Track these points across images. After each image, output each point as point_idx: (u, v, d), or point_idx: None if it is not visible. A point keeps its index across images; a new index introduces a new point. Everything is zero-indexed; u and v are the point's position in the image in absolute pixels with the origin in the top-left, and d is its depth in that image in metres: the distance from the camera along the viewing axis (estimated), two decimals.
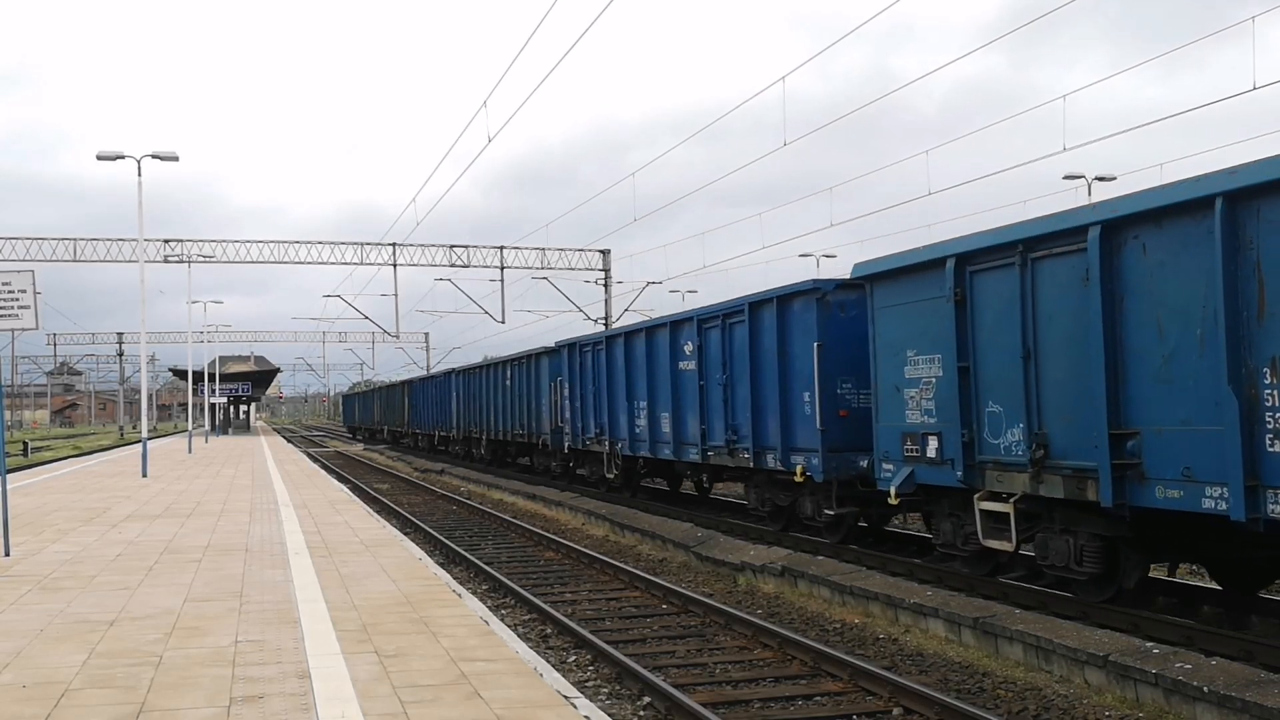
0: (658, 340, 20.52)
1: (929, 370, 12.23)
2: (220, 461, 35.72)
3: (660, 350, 20.25)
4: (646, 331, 21.13)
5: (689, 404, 18.92)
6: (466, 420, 39.65)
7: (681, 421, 19.30)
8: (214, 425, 68.90)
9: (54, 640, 8.16)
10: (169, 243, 46.71)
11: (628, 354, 21.90)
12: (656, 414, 20.40)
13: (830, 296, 14.85)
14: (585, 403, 24.63)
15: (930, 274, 12.18)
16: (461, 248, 48.59)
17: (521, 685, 6.80)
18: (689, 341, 18.85)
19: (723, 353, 17.51)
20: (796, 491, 16.04)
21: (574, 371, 25.40)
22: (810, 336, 14.94)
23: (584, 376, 24.74)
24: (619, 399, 22.47)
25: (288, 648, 7.79)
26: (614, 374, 22.78)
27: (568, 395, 25.87)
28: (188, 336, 57.81)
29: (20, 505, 18.95)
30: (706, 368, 18.14)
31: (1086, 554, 10.47)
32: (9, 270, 13.25)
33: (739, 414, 17.08)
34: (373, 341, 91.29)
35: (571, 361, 25.61)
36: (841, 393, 14.75)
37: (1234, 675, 7.84)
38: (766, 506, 17.24)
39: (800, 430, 15.32)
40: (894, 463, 12.91)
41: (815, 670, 9.43)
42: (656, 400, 20.38)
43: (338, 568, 11.65)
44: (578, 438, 25.34)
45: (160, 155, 29.24)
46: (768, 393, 16.16)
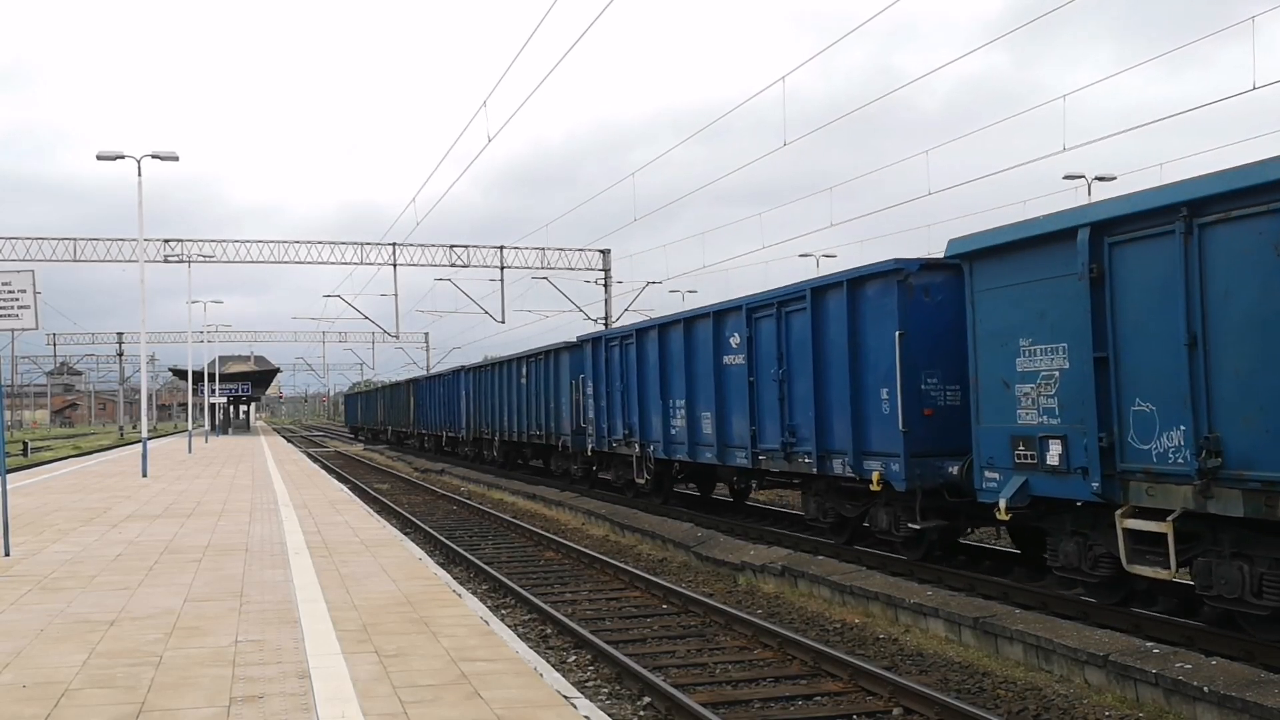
0: (698, 332, 18.63)
1: (1050, 362, 10.52)
2: (220, 461, 35.72)
3: (701, 343, 18.41)
4: (685, 323, 19.14)
5: (735, 402, 17.18)
6: (477, 420, 37.85)
7: (726, 422, 17.59)
8: (214, 425, 68.91)
9: (54, 640, 8.16)
10: (169, 243, 46.72)
11: (663, 348, 20.06)
12: (696, 414, 18.63)
13: (913, 278, 13.01)
14: (612, 402, 22.75)
15: (1054, 248, 10.36)
16: (461, 248, 48.60)
17: (521, 685, 6.80)
18: (736, 333, 17.07)
19: (778, 345, 15.70)
20: (867, 501, 14.29)
21: (599, 368, 23.49)
22: (890, 324, 13.13)
23: (611, 373, 22.83)
24: (652, 397, 20.62)
25: (288, 648, 7.79)
26: (646, 370, 20.93)
27: (591, 394, 23.98)
28: (188, 336, 57.86)
29: (20, 505, 18.95)
30: (757, 362, 16.36)
31: (1267, 584, 8.80)
32: (9, 270, 13.25)
33: (797, 413, 15.36)
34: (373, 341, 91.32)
35: (596, 357, 23.72)
36: (926, 389, 13.02)
37: (1234, 675, 7.84)
38: (828, 517, 15.47)
39: (876, 431, 13.54)
40: (1001, 471, 11.13)
41: (815, 670, 9.42)
42: (696, 398, 18.61)
43: (338, 568, 11.66)
44: (603, 439, 23.48)
45: (160, 155, 29.26)
46: (834, 389, 14.38)
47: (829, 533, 15.61)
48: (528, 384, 30.55)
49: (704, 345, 18.28)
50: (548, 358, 28.75)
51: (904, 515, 13.42)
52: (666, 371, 19.91)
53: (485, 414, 36.41)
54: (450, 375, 43.43)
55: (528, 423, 30.73)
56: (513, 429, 32.57)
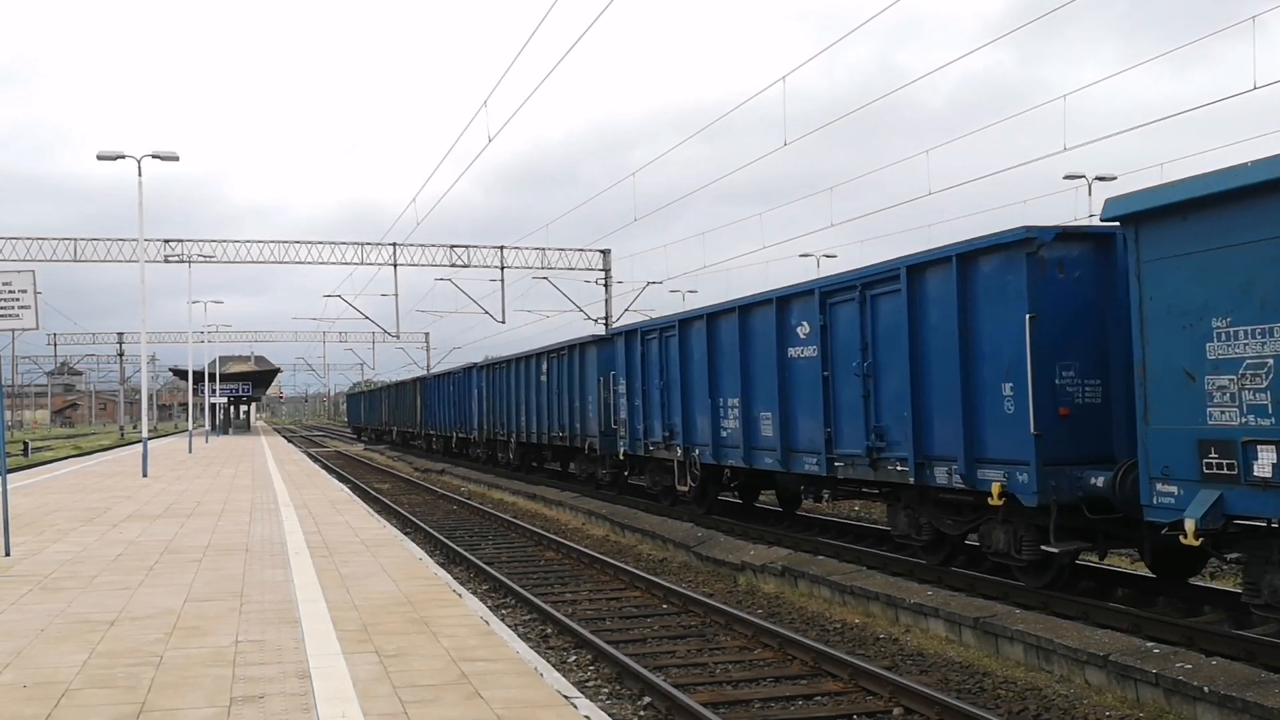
0: (756, 321, 16.57)
1: (1259, 347, 8.61)
2: (220, 461, 35.72)
3: (759, 334, 16.38)
4: (740, 311, 17.03)
5: (804, 401, 15.16)
6: (492, 421, 35.58)
7: (790, 423, 15.54)
8: (214, 425, 68.92)
9: (54, 640, 8.16)
10: (169, 243, 46.72)
11: (712, 340, 17.93)
12: (753, 414, 16.62)
13: (1046, 250, 11.06)
14: (649, 401, 20.59)
15: (1261, 203, 8.55)
16: (462, 248, 48.61)
17: (522, 685, 6.80)
18: (804, 321, 15.04)
19: (861, 333, 13.69)
20: (976, 517, 12.40)
21: (633, 363, 21.34)
22: (1016, 306, 11.17)
23: (648, 369, 20.63)
24: (698, 396, 18.52)
25: (288, 648, 7.79)
26: (691, 365, 18.83)
27: (624, 392, 21.78)
28: (188, 336, 57.86)
29: (21, 505, 18.95)
30: (833, 354, 14.34)
31: None
32: (9, 270, 13.26)
33: (886, 413, 13.34)
34: (373, 341, 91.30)
35: (630, 351, 21.47)
36: (1061, 383, 11.04)
37: (1234, 675, 7.84)
38: (924, 535, 13.30)
39: (995, 434, 11.54)
40: (1181, 483, 9.21)
41: (816, 670, 9.42)
42: (753, 397, 16.60)
43: (338, 568, 11.66)
44: (638, 442, 21.27)
45: (161, 155, 29.26)
46: (937, 385, 12.40)
47: (922, 552, 13.57)
48: (549, 381, 28.67)
49: (763, 336, 16.27)
50: (572, 353, 26.88)
51: (1029, 535, 11.42)
52: (716, 366, 17.88)
53: (500, 414, 34.36)
54: (461, 373, 41.10)
55: (548, 423, 28.80)
56: (531, 430, 30.63)
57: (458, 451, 43.12)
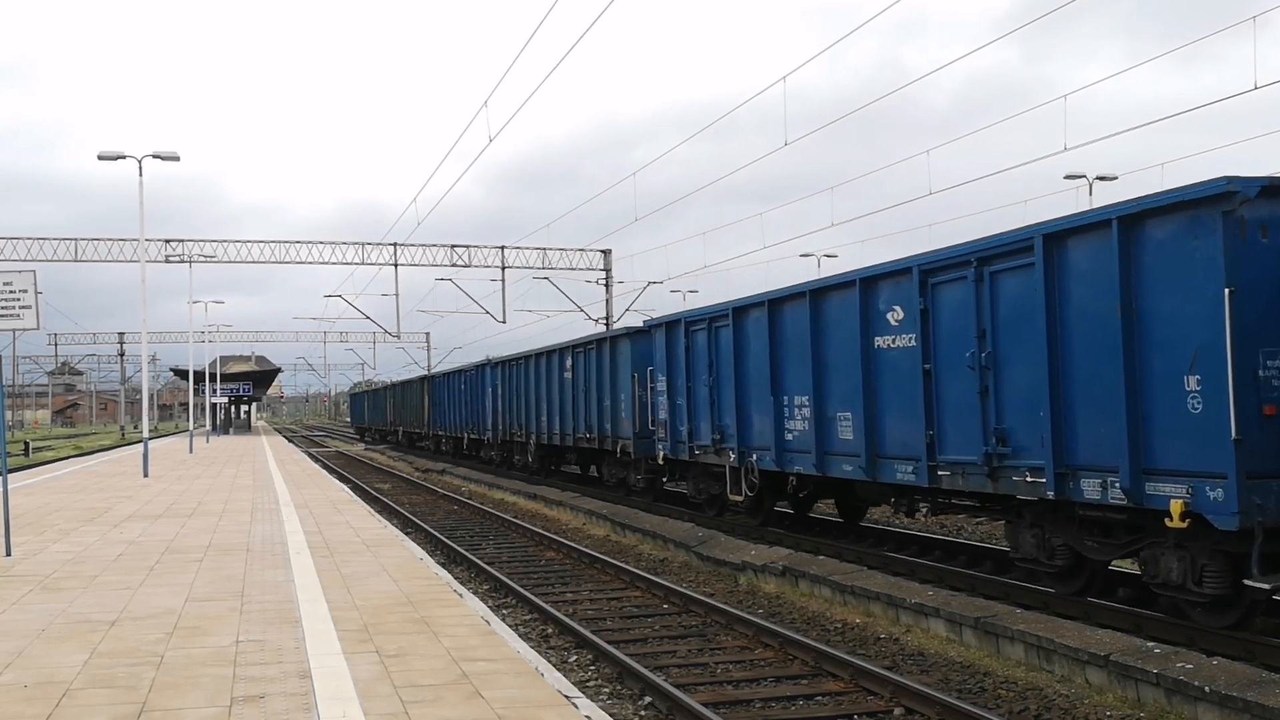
0: (831, 307, 14.50)
1: None
2: (221, 461, 35.73)
3: (838, 321, 14.31)
4: (811, 296, 14.84)
5: (896, 398, 13.14)
6: (508, 421, 33.34)
7: (878, 424, 13.51)
8: (215, 425, 68.96)
9: (55, 640, 8.17)
10: (170, 243, 46.74)
11: (775, 329, 15.86)
12: (827, 414, 14.57)
13: (1247, 209, 8.89)
14: (695, 399, 18.55)
15: None
16: (463, 247, 48.63)
17: (522, 685, 6.80)
18: (898, 305, 13.05)
19: (977, 317, 11.56)
20: (1131, 540, 10.37)
21: (675, 358, 19.27)
22: (1207, 279, 8.97)
23: (694, 364, 18.62)
24: (755, 393, 16.52)
25: (289, 647, 7.79)
26: (746, 359, 16.83)
27: (665, 390, 19.68)
28: (189, 336, 57.89)
29: (22, 505, 18.96)
30: (936, 343, 12.33)
31: None
32: (10, 270, 13.27)
33: (1011, 413, 11.24)
34: (374, 341, 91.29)
35: (672, 344, 19.40)
36: (1266, 375, 8.97)
37: (1235, 675, 7.84)
38: (1056, 558, 11.22)
39: (1174, 439, 9.39)
40: None
41: (816, 670, 9.43)
42: (828, 394, 14.57)
43: (339, 567, 11.66)
44: (680, 445, 19.20)
45: (161, 155, 29.27)
46: (1087, 378, 10.23)
47: (1051, 579, 11.47)
48: (574, 378, 26.47)
49: (842, 324, 14.19)
50: (601, 347, 24.78)
51: (1214, 564, 9.46)
52: (779, 360, 15.82)
53: (517, 413, 32.10)
54: (474, 370, 38.65)
55: (573, 424, 26.68)
56: (553, 431, 28.48)
57: (469, 453, 41.28)
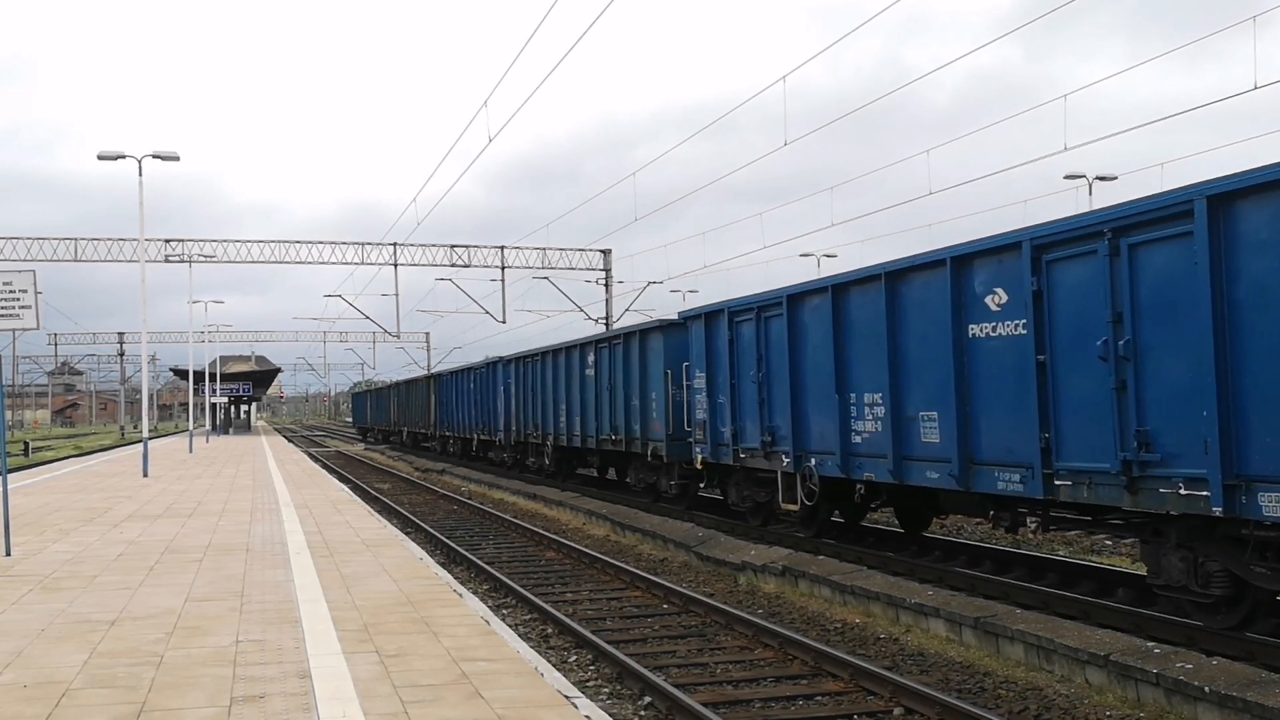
0: (913, 291, 12.79)
1: None
2: (221, 461, 35.73)
3: (921, 306, 12.62)
4: (887, 279, 13.07)
5: (997, 395, 11.43)
6: (522, 421, 31.50)
7: (973, 425, 11.79)
8: (215, 425, 68.95)
9: (55, 640, 8.16)
10: (170, 242, 46.75)
11: (840, 318, 14.23)
12: (906, 413, 12.87)
13: None
14: (741, 397, 16.96)
15: None
16: (462, 247, 48.64)
17: (522, 685, 6.80)
18: (999, 288, 11.26)
19: (1112, 299, 9.87)
20: None
21: (716, 352, 17.78)
22: None
23: (739, 358, 17.03)
24: (814, 391, 14.88)
25: (289, 647, 7.79)
26: (804, 351, 15.21)
27: (703, 387, 18.15)
28: (188, 336, 57.87)
29: (21, 505, 18.96)
30: (1053, 330, 10.59)
31: None
32: (10, 270, 13.27)
33: (1157, 412, 9.58)
34: (373, 341, 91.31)
35: (712, 337, 17.89)
36: None
37: (1235, 675, 7.84)
38: (1214, 586, 9.66)
39: None
40: None
41: (816, 670, 9.43)
42: (907, 390, 12.89)
43: (339, 567, 11.66)
44: (722, 448, 17.57)
45: (161, 155, 29.26)
46: (1262, 369, 8.62)
47: (1201, 611, 9.87)
48: (598, 376, 24.75)
49: (926, 310, 12.52)
50: (629, 342, 22.88)
51: None
52: (845, 352, 14.16)
53: (533, 413, 30.29)
54: (484, 368, 36.81)
55: (596, 424, 24.85)
56: (573, 432, 26.66)
57: (477, 455, 39.33)
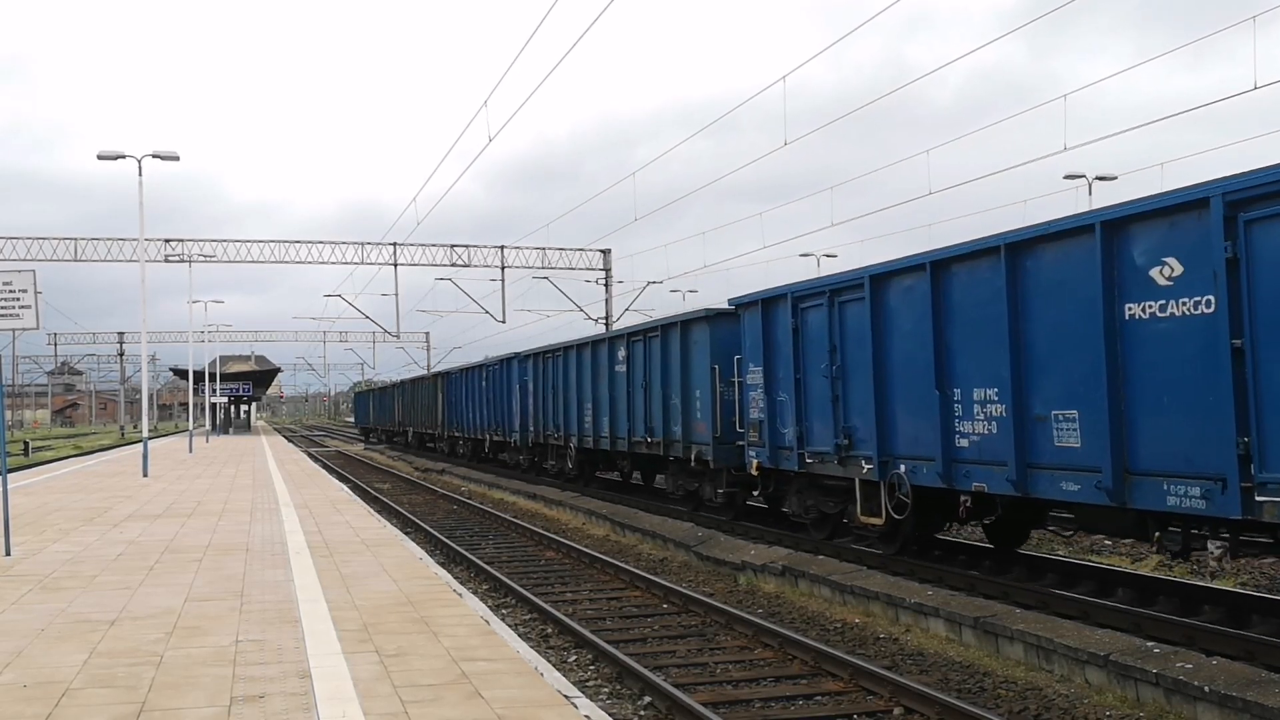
0: (1044, 264, 10.78)
1: None
2: (221, 461, 35.73)
3: (1054, 284, 10.63)
4: (1008, 250, 11.10)
5: (1166, 390, 9.45)
6: (541, 421, 29.33)
7: (1128, 427, 9.80)
8: (214, 425, 68.95)
9: (55, 640, 8.16)
10: (170, 242, 46.75)
11: (941, 300, 12.27)
12: (1033, 412, 10.90)
13: None
14: (808, 394, 15.02)
15: None
16: (462, 247, 48.67)
17: (522, 685, 6.80)
18: (1170, 258, 9.33)
19: None
20: None
21: (775, 343, 15.86)
22: None
23: (806, 349, 15.06)
24: (907, 385, 12.94)
25: (289, 647, 7.79)
26: (890, 340, 13.29)
27: (760, 383, 16.27)
28: (188, 336, 57.87)
29: (21, 505, 18.96)
30: (1253, 308, 8.66)
31: None
32: (10, 270, 13.27)
33: None
34: (373, 341, 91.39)
35: (771, 326, 15.91)
36: None
37: (1235, 675, 7.84)
38: None
39: None
40: None
41: (816, 670, 9.43)
42: (1034, 385, 10.92)
43: (339, 567, 11.66)
44: (784, 452, 15.68)
45: (161, 155, 29.26)
46: None
47: None
48: (630, 372, 22.58)
49: (1061, 288, 10.52)
50: (667, 334, 20.79)
51: None
52: (948, 341, 12.28)
53: (554, 412, 28.21)
54: (498, 365, 34.72)
55: (628, 425, 22.67)
56: (600, 433, 24.57)
57: (489, 456, 37.22)
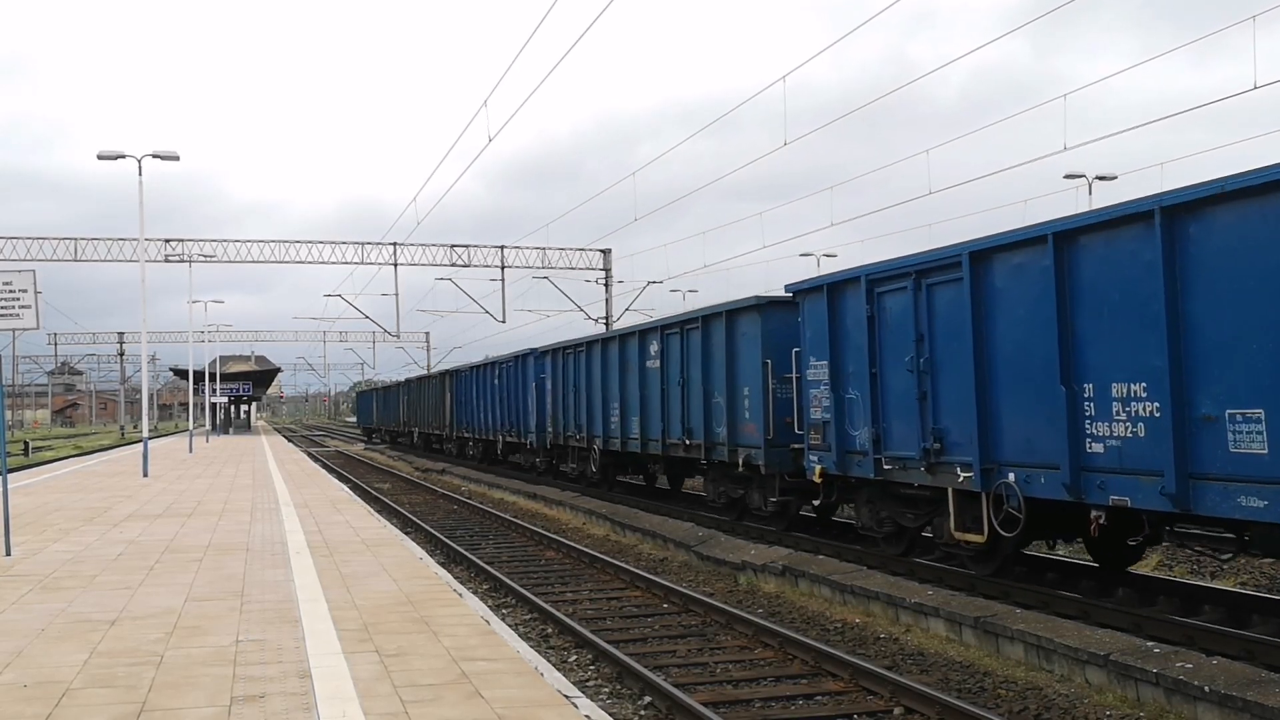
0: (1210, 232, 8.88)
1: None
2: (221, 461, 35.73)
3: (1228, 253, 8.72)
4: (1163, 215, 9.15)
5: None
6: (562, 422, 27.38)
7: None
8: (215, 425, 68.95)
9: (55, 640, 8.16)
10: (170, 242, 46.75)
11: (1066, 278, 10.33)
12: (1197, 411, 9.01)
13: None
14: (885, 390, 13.24)
15: None
16: (462, 247, 48.67)
17: (522, 685, 6.80)
18: None
19: None
20: None
21: (844, 333, 14.07)
22: None
23: (884, 339, 13.23)
24: (1020, 380, 10.98)
25: (289, 647, 7.79)
26: (994, 326, 11.33)
27: (824, 379, 14.37)
28: (188, 336, 57.86)
29: (21, 505, 18.95)
30: None
31: None
32: (10, 270, 13.27)
33: None
34: (373, 341, 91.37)
35: (839, 314, 14.16)
36: None
37: (1235, 675, 7.84)
38: None
39: None
40: None
41: (816, 670, 9.42)
42: (1198, 378, 9.03)
43: (339, 567, 11.66)
44: (855, 457, 13.91)
45: (161, 155, 29.25)
46: None
47: None
48: (664, 368, 20.72)
49: (1241, 259, 8.63)
50: (709, 325, 18.89)
51: None
52: (1075, 327, 10.29)
53: (575, 412, 26.41)
54: (512, 361, 32.98)
55: (662, 425, 20.74)
56: (628, 434, 22.74)
57: (502, 459, 35.52)
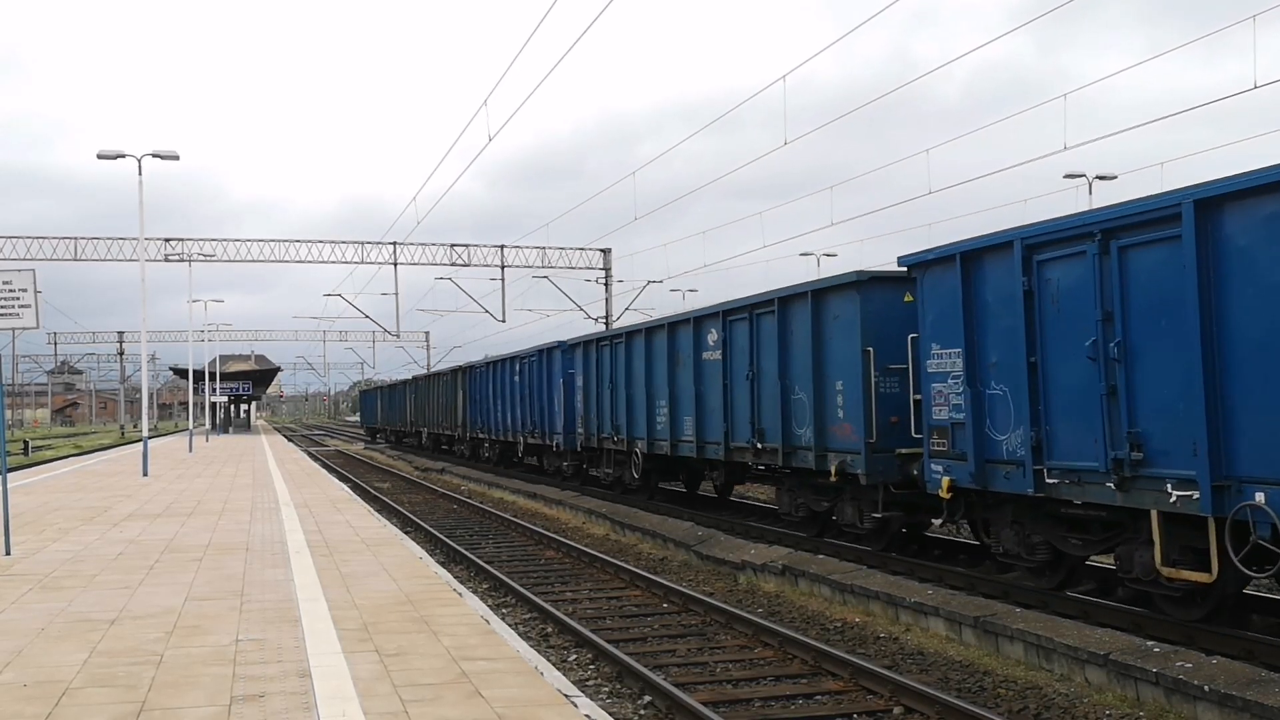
0: None
1: None
2: (221, 460, 35.73)
3: None
4: None
5: None
6: (595, 423, 24.56)
7: None
8: (214, 424, 68.96)
9: (55, 639, 8.17)
10: (169, 242, 46.74)
11: None
12: None
13: None
14: (1049, 384, 10.79)
15: None
16: (462, 246, 48.67)
17: (522, 684, 6.81)
18: None
19: None
20: None
21: (986, 312, 11.64)
22: None
23: (1048, 319, 10.74)
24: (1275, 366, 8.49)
25: (289, 646, 7.80)
26: (1227, 299, 8.83)
27: (955, 370, 12.00)
28: (188, 335, 57.85)
29: (21, 504, 18.96)
30: None
31: None
32: (10, 269, 13.28)
33: None
34: (373, 340, 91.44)
35: (977, 290, 11.76)
36: None
37: (1235, 674, 7.84)
38: None
39: None
40: None
41: (816, 669, 9.43)
42: None
43: (338, 566, 11.66)
44: (999, 468, 11.46)
45: (161, 154, 29.25)
46: None
47: None
48: (727, 360, 17.92)
49: None
50: (785, 309, 16.03)
51: None
52: None
53: (612, 411, 23.39)
54: (535, 356, 30.31)
55: (725, 426, 17.90)
56: (681, 436, 19.86)
57: (519, 461, 33.45)
